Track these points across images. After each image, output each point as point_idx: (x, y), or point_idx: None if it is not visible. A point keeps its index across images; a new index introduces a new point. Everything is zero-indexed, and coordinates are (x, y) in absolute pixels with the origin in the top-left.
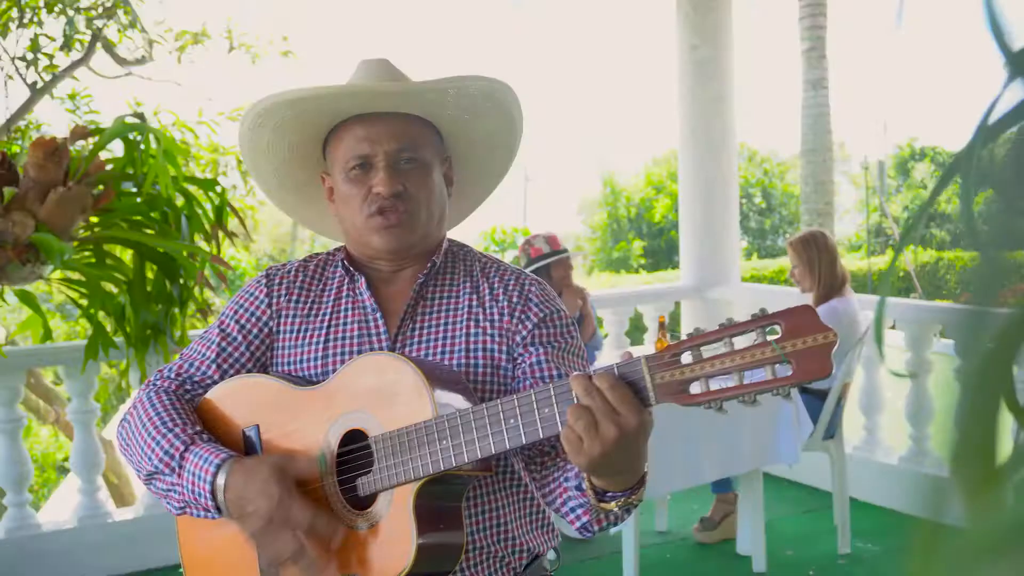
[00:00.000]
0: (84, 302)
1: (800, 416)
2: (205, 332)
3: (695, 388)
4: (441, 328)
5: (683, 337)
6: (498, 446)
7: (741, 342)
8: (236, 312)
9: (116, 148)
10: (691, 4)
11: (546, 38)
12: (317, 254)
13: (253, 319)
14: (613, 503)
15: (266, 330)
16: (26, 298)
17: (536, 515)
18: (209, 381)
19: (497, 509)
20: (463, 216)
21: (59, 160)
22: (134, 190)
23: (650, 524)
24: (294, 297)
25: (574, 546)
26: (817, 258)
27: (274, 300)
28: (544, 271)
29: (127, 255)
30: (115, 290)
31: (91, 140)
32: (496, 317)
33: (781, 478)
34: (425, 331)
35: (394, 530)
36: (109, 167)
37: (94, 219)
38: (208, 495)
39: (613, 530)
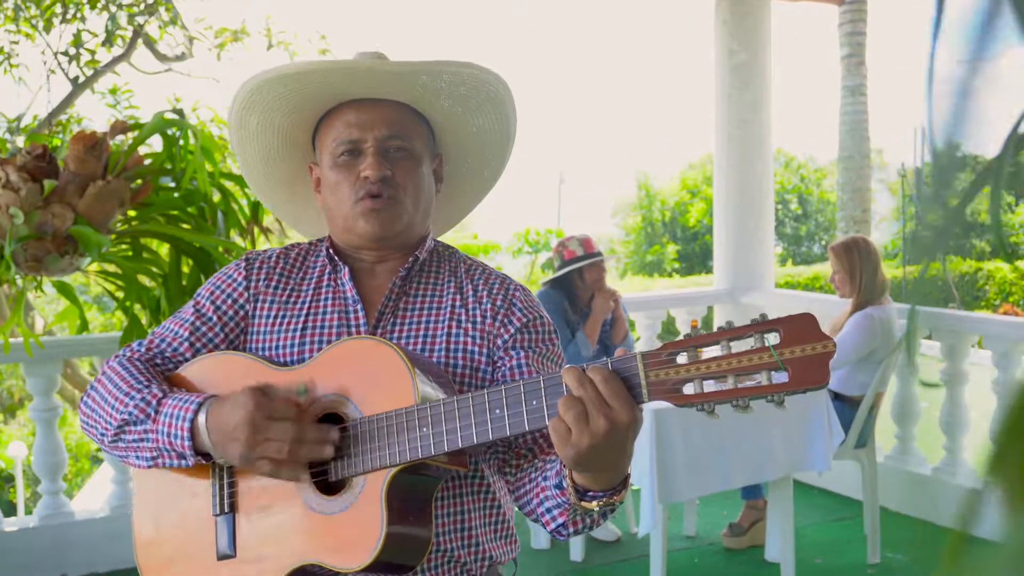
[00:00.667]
0: (120, 294)
1: (832, 424)
2: (178, 311)
3: (689, 389)
4: (422, 325)
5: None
6: (481, 436)
7: (739, 346)
8: (212, 293)
9: (155, 143)
10: (730, 9)
11: (584, 41)
12: (298, 243)
13: (229, 301)
14: (594, 502)
15: (242, 313)
16: (64, 289)
17: (500, 523)
18: (180, 359)
19: (463, 513)
20: (453, 222)
21: (99, 154)
22: (172, 185)
23: (678, 529)
24: (273, 283)
25: (602, 549)
26: (859, 265)
27: (252, 284)
28: (577, 274)
29: (163, 249)
30: (151, 283)
31: (130, 135)
32: (479, 319)
33: (811, 486)
34: (406, 327)
35: (363, 516)
36: (147, 162)
37: (132, 213)
38: (186, 434)
39: (642, 532)
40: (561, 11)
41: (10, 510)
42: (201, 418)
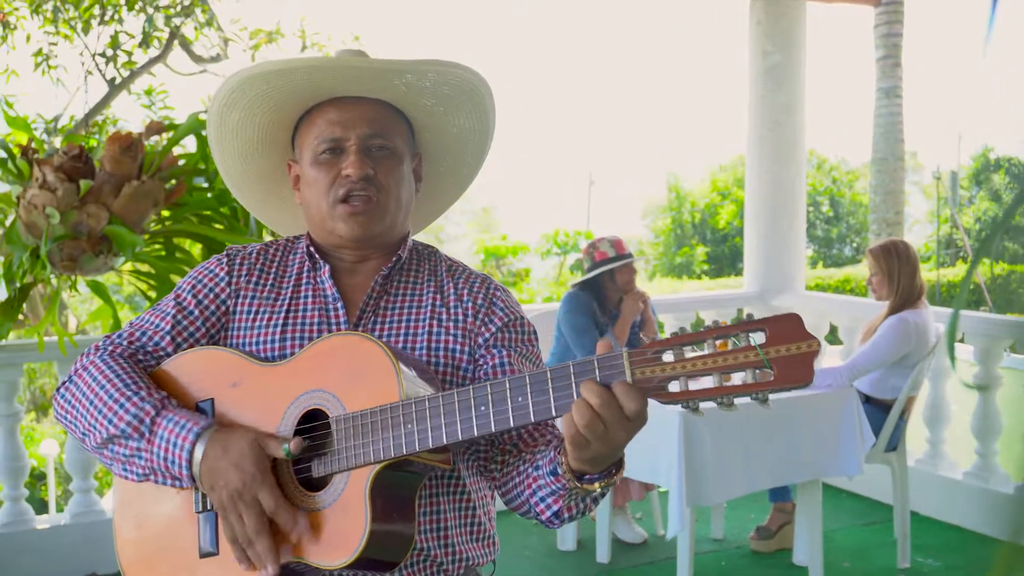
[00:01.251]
0: (153, 294)
1: (863, 427)
2: (158, 304)
3: (674, 386)
4: (403, 324)
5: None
6: (466, 432)
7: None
8: (194, 287)
9: (189, 144)
10: (764, 10)
11: (617, 42)
12: (277, 240)
13: (211, 295)
14: (596, 484)
15: (223, 308)
16: (97, 288)
17: (476, 526)
18: (162, 353)
19: (439, 514)
20: (429, 220)
21: (134, 155)
22: (205, 185)
23: (706, 531)
24: (254, 279)
25: (628, 552)
26: (897, 268)
27: (234, 279)
28: (608, 275)
29: (196, 249)
30: None
31: (165, 136)
32: (460, 318)
33: (840, 489)
34: (387, 325)
35: (347, 513)
36: (182, 162)
37: (165, 213)
38: (184, 464)
39: (669, 535)
40: (594, 11)
41: (41, 508)
42: (198, 453)
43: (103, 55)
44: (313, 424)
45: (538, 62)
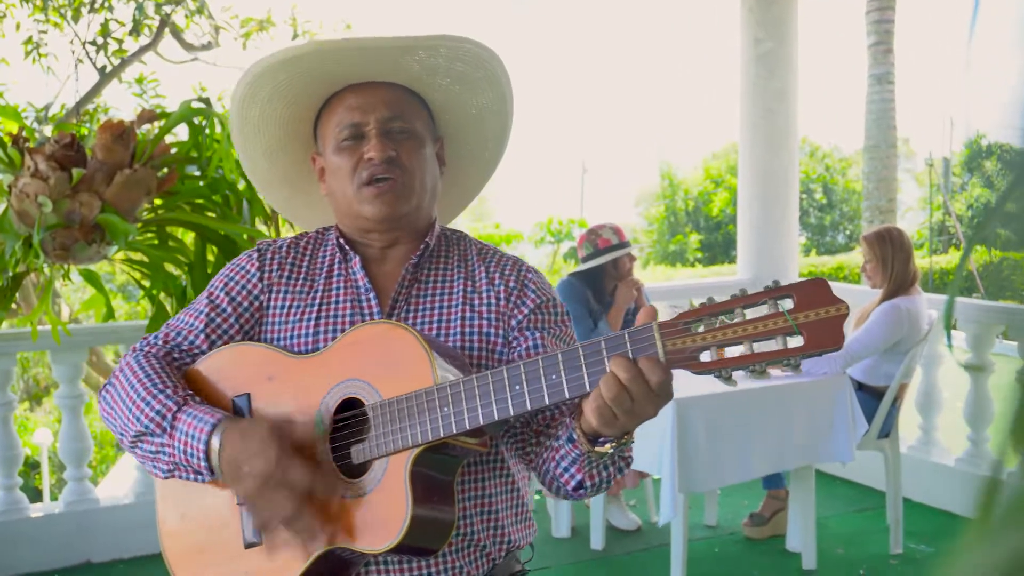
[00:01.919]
0: (146, 283)
1: (855, 414)
2: (192, 302)
3: (706, 356)
4: (436, 311)
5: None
6: (501, 413)
7: (754, 313)
8: (226, 284)
9: (181, 132)
10: None
11: (608, 30)
12: (307, 232)
13: (244, 292)
14: (607, 445)
15: (256, 304)
16: (90, 278)
17: (520, 506)
18: (197, 351)
19: (485, 496)
20: (459, 209)
21: (126, 143)
22: (197, 173)
23: (699, 518)
24: (286, 273)
25: (621, 538)
26: (891, 255)
27: (265, 275)
28: (611, 262)
29: (189, 237)
30: (176, 272)
31: (157, 124)
32: (492, 301)
33: (833, 476)
34: (420, 313)
35: (388, 499)
36: (174, 151)
37: (158, 201)
38: (202, 455)
39: (662, 521)
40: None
41: (36, 496)
42: (215, 442)
43: (93, 43)
44: (350, 412)
45: (531, 50)
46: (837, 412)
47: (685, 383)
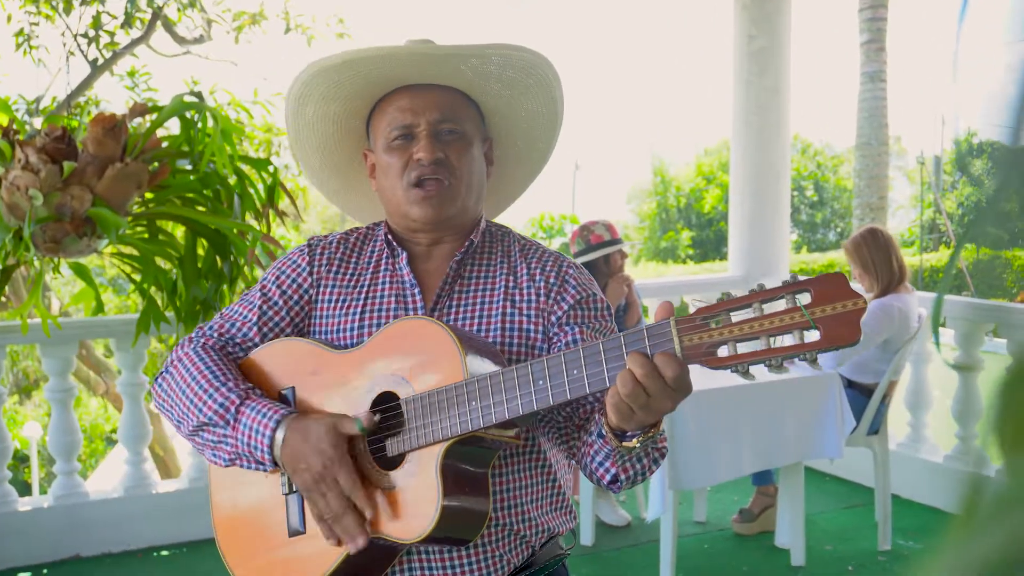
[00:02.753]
0: (137, 276)
1: (844, 411)
2: (246, 295)
3: (723, 351)
4: (478, 306)
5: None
6: (526, 407)
7: (771, 308)
8: (278, 278)
9: (173, 126)
10: None
11: (601, 25)
12: (357, 228)
13: (295, 285)
14: (634, 440)
15: (306, 297)
16: (80, 271)
17: (557, 496)
18: (250, 344)
19: (521, 488)
20: (505, 204)
21: (117, 136)
22: (189, 168)
23: (689, 514)
24: (334, 268)
25: (612, 534)
26: (870, 256)
27: (315, 269)
28: (603, 258)
29: (180, 231)
30: (167, 265)
31: (149, 117)
32: (532, 297)
33: (823, 472)
34: (462, 309)
35: (420, 490)
36: (165, 144)
37: (149, 195)
38: (266, 449)
39: (651, 517)
40: None
41: (25, 490)
42: (279, 436)
43: (85, 36)
44: (386, 406)
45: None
46: (826, 409)
47: None
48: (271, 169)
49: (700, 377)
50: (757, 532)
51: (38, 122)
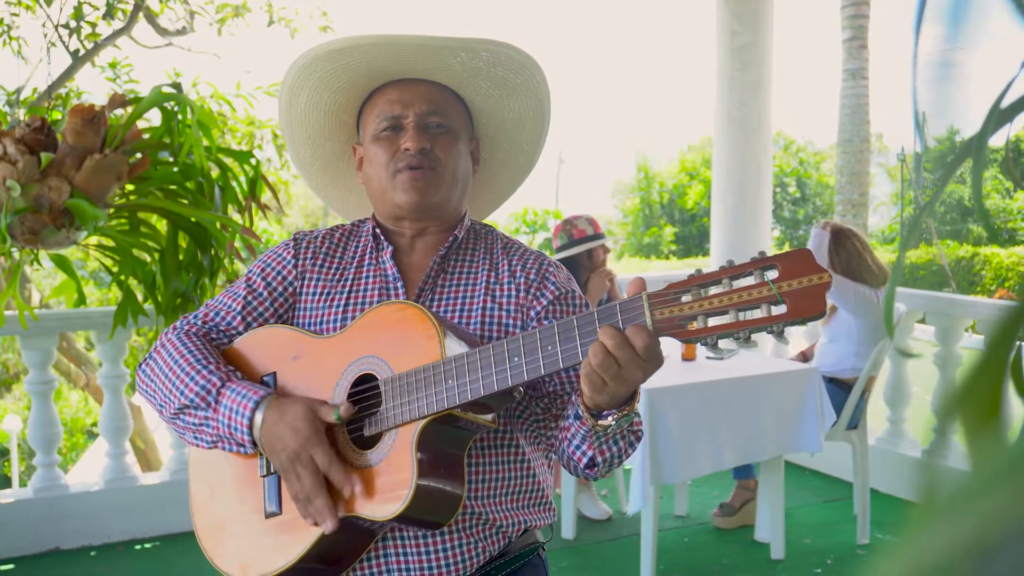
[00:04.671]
0: (116, 269)
1: (824, 405)
2: (231, 286)
3: (693, 325)
4: (458, 301)
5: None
6: (501, 383)
7: (740, 283)
8: (263, 270)
9: (154, 118)
10: None
11: (585, 21)
12: (343, 224)
13: (279, 278)
14: (609, 418)
15: (291, 289)
16: (61, 263)
17: (536, 492)
18: (234, 332)
19: (498, 480)
20: (491, 208)
21: (97, 127)
22: (170, 159)
23: (669, 508)
24: (319, 262)
25: (592, 528)
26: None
27: (300, 262)
28: (586, 253)
29: (160, 224)
30: (147, 258)
31: (129, 108)
32: (513, 293)
33: (802, 467)
34: (443, 302)
35: (395, 469)
36: (146, 136)
37: (129, 187)
38: (245, 429)
39: (632, 511)
40: None
41: (5, 483)
42: (258, 418)
43: (66, 26)
44: (364, 387)
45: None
46: (806, 404)
47: (656, 375)
48: (253, 162)
49: (681, 372)
50: (737, 526)
51: (20, 113)
